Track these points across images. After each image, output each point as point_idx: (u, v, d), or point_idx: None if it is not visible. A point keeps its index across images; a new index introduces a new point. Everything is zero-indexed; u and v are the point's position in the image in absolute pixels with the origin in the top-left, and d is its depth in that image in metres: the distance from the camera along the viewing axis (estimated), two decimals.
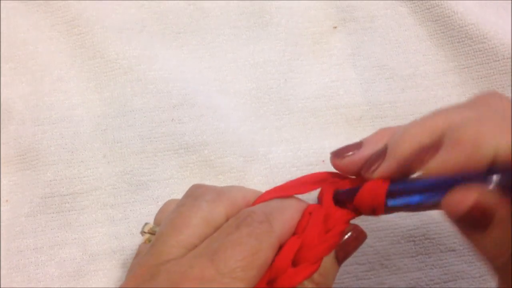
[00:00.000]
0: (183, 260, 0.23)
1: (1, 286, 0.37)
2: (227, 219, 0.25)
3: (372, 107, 0.42)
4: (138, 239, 0.38)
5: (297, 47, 0.44)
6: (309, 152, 0.41)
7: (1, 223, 0.38)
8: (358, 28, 0.44)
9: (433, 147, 0.24)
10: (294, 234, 0.26)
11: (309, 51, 0.44)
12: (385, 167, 0.26)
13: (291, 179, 0.40)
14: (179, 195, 0.39)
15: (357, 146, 0.28)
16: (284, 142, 0.41)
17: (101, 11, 0.43)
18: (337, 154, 0.28)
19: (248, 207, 0.26)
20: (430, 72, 0.43)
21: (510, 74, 0.41)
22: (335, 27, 0.45)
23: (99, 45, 0.42)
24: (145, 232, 0.30)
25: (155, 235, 0.26)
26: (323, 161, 0.41)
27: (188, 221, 0.24)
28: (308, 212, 0.27)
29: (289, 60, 0.43)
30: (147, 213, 0.39)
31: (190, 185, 0.40)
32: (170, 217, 0.25)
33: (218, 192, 0.26)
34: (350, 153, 0.28)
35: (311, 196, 0.30)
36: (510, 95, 0.41)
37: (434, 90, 0.43)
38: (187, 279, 0.22)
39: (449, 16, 0.43)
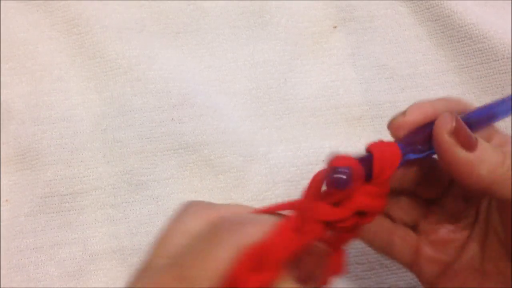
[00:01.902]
0: (157, 267, 0.24)
1: (1, 286, 0.37)
2: None
3: (372, 107, 0.42)
4: (138, 239, 0.39)
5: (297, 47, 0.44)
6: (309, 151, 0.41)
7: (1, 223, 0.38)
8: (358, 28, 0.44)
9: None
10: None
11: (309, 51, 0.44)
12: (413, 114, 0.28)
13: (291, 178, 0.40)
14: (179, 195, 0.39)
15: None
16: (284, 142, 0.41)
17: (101, 11, 0.43)
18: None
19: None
20: (430, 72, 0.43)
21: (510, 73, 0.41)
22: (335, 27, 0.45)
23: (99, 45, 0.42)
24: None
25: None
26: (323, 161, 0.41)
27: (169, 233, 0.25)
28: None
29: (289, 60, 0.43)
30: (147, 213, 0.39)
31: (190, 184, 0.40)
32: (159, 233, 0.27)
33: (202, 206, 0.26)
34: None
35: None
36: (510, 95, 0.41)
37: (434, 90, 0.43)
38: (154, 284, 0.23)
39: (449, 16, 0.43)
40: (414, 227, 0.31)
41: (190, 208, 0.26)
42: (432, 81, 0.43)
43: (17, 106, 0.41)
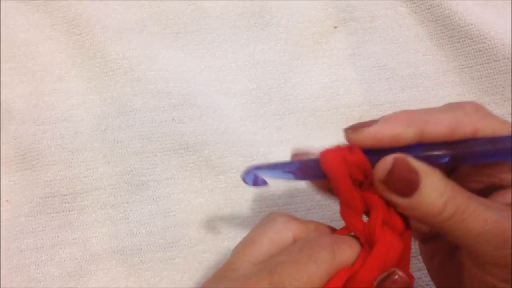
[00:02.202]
0: (245, 270, 0.25)
1: (1, 286, 0.37)
2: (294, 242, 0.27)
3: (372, 107, 0.42)
4: (138, 239, 0.39)
5: (297, 47, 0.44)
6: None
7: (1, 223, 0.38)
8: (358, 28, 0.44)
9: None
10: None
11: (309, 51, 0.44)
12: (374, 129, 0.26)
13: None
14: (179, 195, 0.39)
15: (373, 121, 0.28)
16: (284, 142, 0.41)
17: (101, 11, 0.43)
18: (353, 128, 0.28)
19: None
20: (430, 72, 0.43)
21: (510, 74, 0.41)
22: (335, 27, 0.45)
23: (99, 45, 0.42)
24: None
25: None
26: None
27: (257, 240, 0.26)
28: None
29: (289, 60, 0.43)
30: (147, 213, 0.39)
31: (191, 185, 0.40)
32: (246, 235, 0.28)
33: (290, 218, 0.28)
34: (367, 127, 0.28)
35: None
36: (510, 95, 0.41)
37: (434, 90, 0.43)
38: (243, 285, 0.24)
39: (449, 16, 0.43)
40: None
41: (279, 218, 0.28)
42: (432, 82, 0.43)
43: (18, 106, 0.41)
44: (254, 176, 0.28)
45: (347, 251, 0.25)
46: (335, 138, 0.42)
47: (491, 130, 0.26)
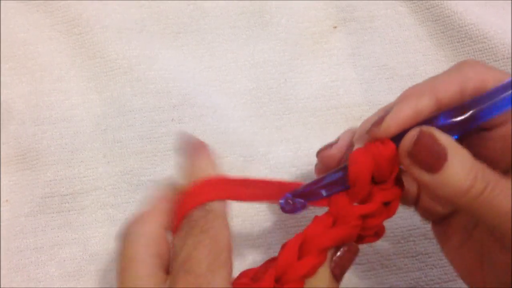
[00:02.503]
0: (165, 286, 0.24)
1: (1, 286, 0.37)
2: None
3: (372, 107, 0.42)
4: None
5: (297, 47, 0.44)
6: (309, 152, 0.41)
7: (1, 223, 0.38)
8: (358, 28, 0.44)
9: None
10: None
11: (309, 51, 0.44)
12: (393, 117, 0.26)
13: (291, 179, 0.40)
14: None
15: (334, 142, 0.29)
16: (284, 142, 0.41)
17: (101, 11, 0.43)
18: (319, 152, 0.30)
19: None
20: (430, 72, 0.43)
21: (510, 74, 0.41)
22: (335, 27, 0.45)
23: (99, 45, 0.42)
24: None
25: None
26: None
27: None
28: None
29: (289, 60, 0.43)
30: None
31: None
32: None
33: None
34: (328, 148, 0.29)
35: None
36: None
37: None
38: None
39: (449, 16, 0.43)
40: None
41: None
42: None
43: (17, 106, 0.41)
44: (291, 202, 0.28)
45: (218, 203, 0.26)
46: (335, 138, 0.42)
47: (498, 79, 0.25)
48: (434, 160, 0.24)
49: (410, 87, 0.27)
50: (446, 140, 0.24)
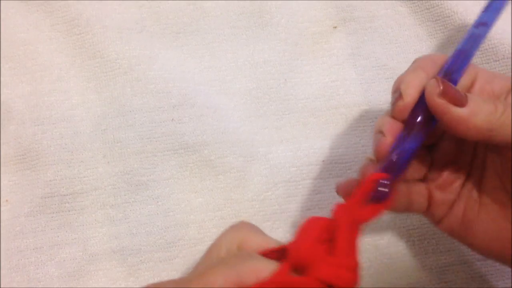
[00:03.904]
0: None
1: (1, 286, 0.37)
2: None
3: (372, 107, 0.42)
4: (138, 239, 0.39)
5: (297, 47, 0.44)
6: (309, 152, 0.41)
7: (1, 223, 0.38)
8: (358, 28, 0.44)
9: None
10: None
11: (309, 51, 0.44)
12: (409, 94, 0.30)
13: (291, 179, 0.40)
14: (179, 195, 0.39)
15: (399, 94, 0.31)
16: (284, 142, 0.41)
17: (101, 11, 0.43)
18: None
19: None
20: None
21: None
22: (335, 27, 0.45)
23: (99, 45, 0.42)
24: None
25: None
26: (323, 161, 0.41)
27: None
28: None
29: (289, 60, 0.43)
30: (147, 213, 0.39)
31: (190, 185, 0.40)
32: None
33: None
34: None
35: None
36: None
37: None
38: None
39: (449, 16, 0.43)
40: (424, 179, 0.33)
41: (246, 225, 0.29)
42: None
43: (17, 106, 0.41)
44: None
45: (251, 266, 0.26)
46: (335, 138, 0.42)
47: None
48: (460, 97, 0.28)
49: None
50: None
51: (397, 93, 0.30)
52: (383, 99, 0.43)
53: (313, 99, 0.42)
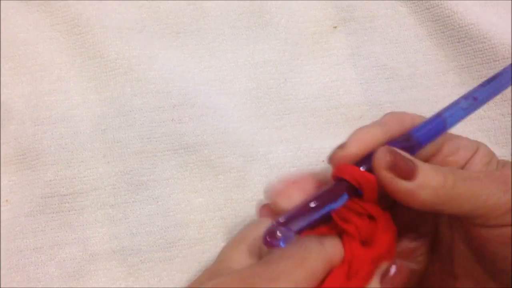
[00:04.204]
0: (240, 265, 0.26)
1: (1, 286, 0.37)
2: None
3: (372, 107, 0.42)
4: (138, 239, 0.39)
5: (297, 47, 0.44)
6: (309, 152, 0.41)
7: (1, 223, 0.38)
8: (358, 28, 0.44)
9: None
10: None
11: (309, 51, 0.44)
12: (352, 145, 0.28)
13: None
14: (179, 195, 0.39)
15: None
16: (284, 142, 0.41)
17: (101, 11, 0.43)
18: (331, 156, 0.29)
19: None
20: (430, 72, 0.43)
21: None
22: (335, 27, 0.45)
23: (99, 45, 0.42)
24: None
25: None
26: (323, 161, 0.41)
27: (248, 237, 0.27)
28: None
29: (289, 60, 0.43)
30: (147, 213, 0.39)
31: (190, 185, 0.40)
32: (236, 235, 0.29)
33: None
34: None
35: None
36: (510, 95, 0.41)
37: (434, 90, 0.43)
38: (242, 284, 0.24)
39: (449, 16, 0.43)
40: None
41: (267, 220, 0.28)
42: (432, 81, 0.43)
43: (17, 106, 0.41)
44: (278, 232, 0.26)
45: (335, 242, 0.26)
46: (335, 138, 0.42)
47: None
48: (409, 169, 0.26)
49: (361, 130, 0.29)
50: (408, 155, 0.27)
51: (342, 143, 0.28)
52: (383, 99, 0.43)
53: (313, 99, 0.42)
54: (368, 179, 0.26)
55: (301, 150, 0.41)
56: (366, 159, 0.27)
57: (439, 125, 0.29)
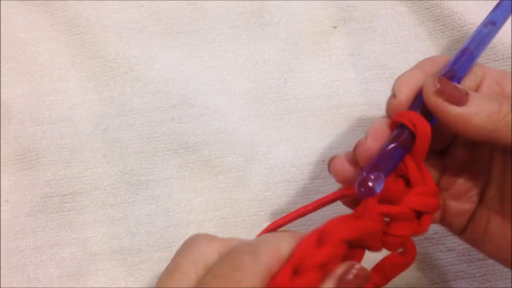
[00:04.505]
0: None
1: (1, 286, 0.37)
2: None
3: (372, 107, 0.42)
4: (138, 239, 0.39)
5: (297, 47, 0.44)
6: (309, 152, 0.41)
7: (1, 223, 0.38)
8: (358, 28, 0.44)
9: None
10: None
11: (309, 51, 0.44)
12: (402, 92, 0.28)
13: (291, 179, 0.40)
14: (179, 195, 0.39)
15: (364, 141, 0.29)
16: (284, 142, 0.41)
17: (101, 11, 0.43)
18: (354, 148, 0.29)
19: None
20: None
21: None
22: (335, 27, 0.45)
23: (99, 45, 0.42)
24: None
25: None
26: (323, 161, 0.41)
27: (181, 265, 0.25)
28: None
29: (289, 60, 0.43)
30: (147, 213, 0.39)
31: (190, 184, 0.40)
32: (168, 264, 0.26)
33: (210, 237, 0.26)
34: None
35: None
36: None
37: None
38: None
39: (449, 16, 0.43)
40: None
41: (199, 238, 0.26)
42: None
43: (17, 106, 0.41)
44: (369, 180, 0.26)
45: (267, 248, 0.24)
46: (334, 138, 0.42)
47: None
48: (459, 95, 0.26)
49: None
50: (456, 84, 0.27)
51: (392, 92, 0.29)
52: (383, 99, 0.42)
53: (313, 99, 0.42)
54: (422, 122, 0.26)
55: (301, 150, 0.41)
56: (417, 101, 0.28)
57: (469, 54, 0.30)
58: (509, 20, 0.43)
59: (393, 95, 0.28)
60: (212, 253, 0.25)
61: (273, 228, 0.28)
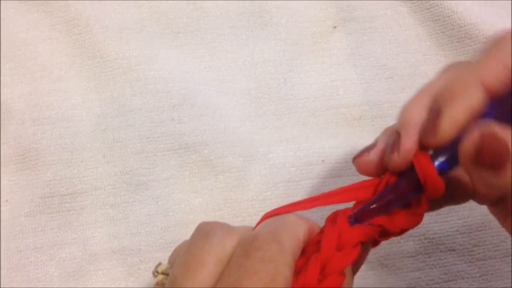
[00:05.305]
0: None
1: (1, 286, 0.37)
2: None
3: (372, 107, 0.42)
4: (138, 239, 0.39)
5: (297, 47, 0.44)
6: (309, 152, 0.41)
7: (1, 223, 0.38)
8: (358, 28, 0.44)
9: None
10: (304, 252, 0.25)
11: (309, 51, 0.44)
12: (407, 141, 0.25)
13: (291, 179, 0.40)
14: (179, 195, 0.39)
15: (372, 145, 0.27)
16: (284, 142, 0.41)
17: (101, 11, 0.43)
18: (355, 157, 0.27)
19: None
20: (430, 72, 0.43)
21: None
22: (335, 27, 0.45)
23: (98, 45, 0.42)
24: (158, 273, 0.26)
25: (168, 277, 0.24)
26: (323, 161, 0.41)
27: (202, 261, 0.23)
28: (313, 230, 0.26)
29: (289, 60, 0.43)
30: (147, 213, 0.39)
31: (190, 185, 0.40)
32: (183, 258, 0.23)
33: (228, 227, 0.24)
34: (366, 153, 0.27)
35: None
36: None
37: None
38: None
39: (449, 16, 0.43)
40: None
41: (217, 229, 0.24)
42: None
43: (17, 106, 0.41)
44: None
45: (287, 233, 0.23)
46: (335, 138, 0.42)
47: None
48: (497, 159, 0.22)
49: (451, 75, 0.25)
50: (504, 133, 0.22)
51: (394, 135, 0.25)
52: (383, 99, 0.43)
53: (313, 99, 0.42)
54: (435, 182, 0.24)
55: (301, 150, 0.41)
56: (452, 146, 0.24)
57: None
58: (509, 20, 0.43)
59: (396, 143, 0.25)
60: (234, 246, 0.23)
61: (275, 213, 0.27)
